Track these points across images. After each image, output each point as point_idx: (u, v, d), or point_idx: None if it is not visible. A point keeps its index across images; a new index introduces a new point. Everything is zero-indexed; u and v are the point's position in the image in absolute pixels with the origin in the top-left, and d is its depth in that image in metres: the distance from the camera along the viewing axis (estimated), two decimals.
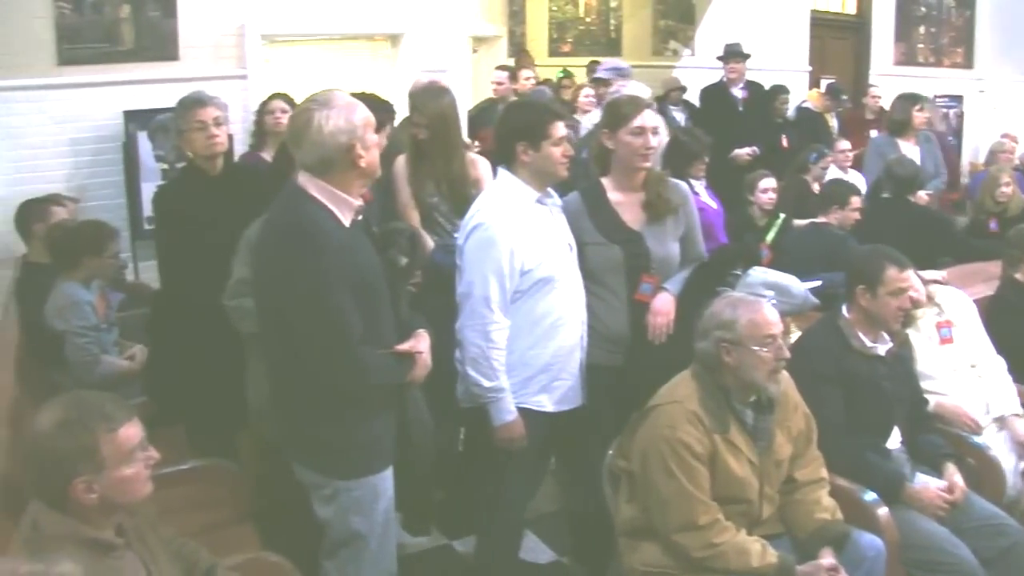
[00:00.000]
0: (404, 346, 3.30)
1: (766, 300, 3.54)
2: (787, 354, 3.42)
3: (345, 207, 3.12)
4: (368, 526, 3.33)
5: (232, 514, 3.78)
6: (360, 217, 3.22)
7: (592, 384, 3.92)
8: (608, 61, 8.37)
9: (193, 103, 4.39)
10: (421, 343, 3.35)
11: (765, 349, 3.33)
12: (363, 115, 3.12)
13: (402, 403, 3.46)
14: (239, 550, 3.31)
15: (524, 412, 3.76)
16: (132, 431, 2.44)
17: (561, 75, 10.47)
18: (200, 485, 3.78)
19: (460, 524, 4.66)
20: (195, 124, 4.34)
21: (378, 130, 3.27)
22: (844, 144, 8.42)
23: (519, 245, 3.65)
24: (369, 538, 3.34)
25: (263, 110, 6.00)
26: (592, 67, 10.31)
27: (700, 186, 5.77)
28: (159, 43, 6.93)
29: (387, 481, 3.38)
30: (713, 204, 5.88)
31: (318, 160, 3.07)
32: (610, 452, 3.67)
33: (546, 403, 3.83)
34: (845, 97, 10.17)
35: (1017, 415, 4.40)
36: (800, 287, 5.25)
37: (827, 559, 3.31)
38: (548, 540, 4.64)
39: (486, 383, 3.68)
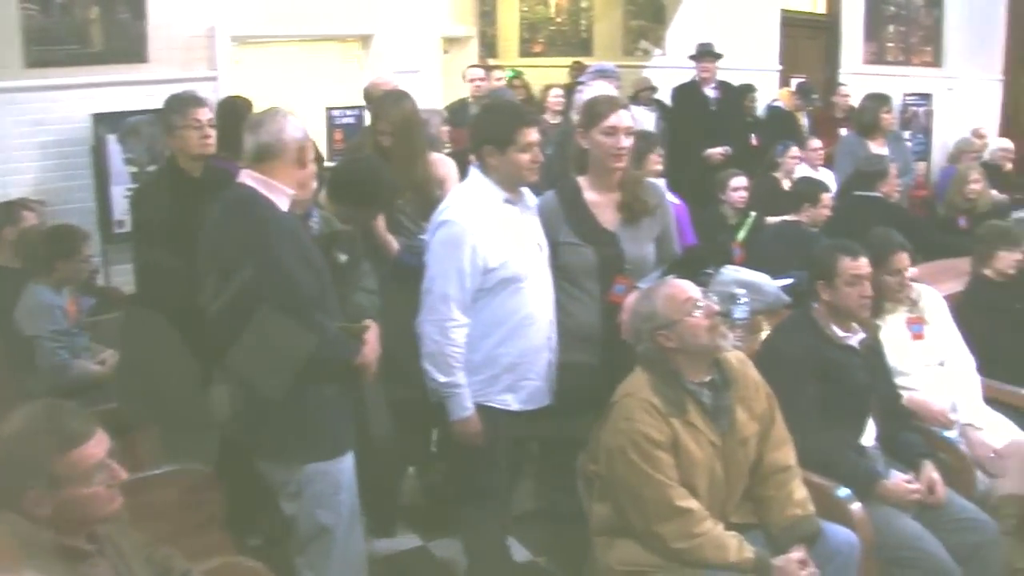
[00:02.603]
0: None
1: (739, 298, 3.56)
2: (717, 308, 3.45)
3: (282, 196, 3.32)
4: (334, 518, 3.46)
5: (206, 518, 3.77)
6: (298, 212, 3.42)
7: (566, 384, 3.93)
8: (596, 64, 8.40)
9: (190, 101, 4.44)
10: (370, 331, 3.48)
11: (694, 314, 3.36)
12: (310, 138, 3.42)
13: (358, 392, 3.52)
14: (213, 555, 3.30)
15: (489, 410, 3.80)
16: (92, 451, 2.37)
17: (511, 76, 10.46)
18: (173, 490, 3.75)
19: (435, 525, 4.66)
20: (192, 122, 4.38)
21: None
22: (815, 143, 8.47)
23: (483, 244, 3.68)
24: (335, 530, 3.47)
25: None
26: (575, 68, 10.34)
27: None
28: (128, 45, 6.87)
29: (348, 472, 3.50)
30: (675, 200, 5.91)
31: (269, 146, 3.31)
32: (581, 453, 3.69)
33: (511, 402, 3.86)
34: (815, 96, 10.21)
35: (972, 426, 4.45)
36: (772, 285, 5.28)
37: (799, 554, 3.32)
38: (525, 540, 4.65)
39: (441, 378, 3.73)
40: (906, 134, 10.58)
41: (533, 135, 3.77)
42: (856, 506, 3.62)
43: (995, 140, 10.45)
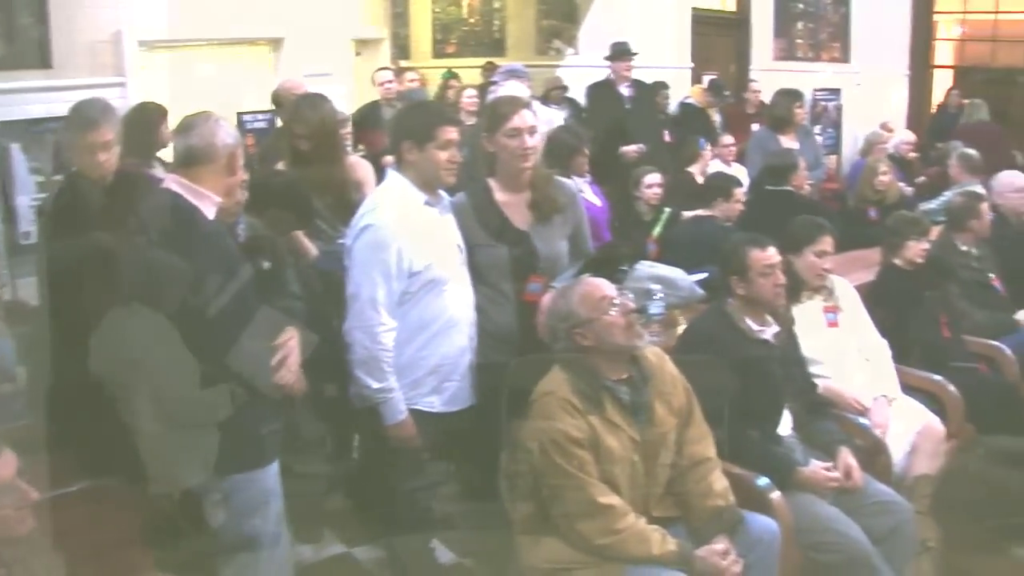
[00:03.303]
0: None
1: (654, 294, 3.59)
2: (633, 306, 3.47)
3: (209, 203, 3.24)
4: (261, 527, 3.38)
5: (126, 535, 3.70)
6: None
7: (485, 384, 3.93)
8: (507, 65, 8.40)
9: (86, 123, 4.12)
10: (289, 342, 3.39)
11: (610, 312, 3.38)
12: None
13: (285, 402, 3.48)
14: (134, 572, 3.25)
15: (415, 413, 3.77)
16: None
17: (447, 76, 10.43)
18: (92, 506, 3.68)
19: (359, 530, 4.63)
20: (87, 146, 4.16)
21: None
22: (727, 139, 8.58)
23: (407, 247, 3.65)
24: (263, 539, 3.39)
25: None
26: (488, 68, 10.32)
27: (584, 184, 5.83)
28: (31, 51, 6.71)
29: (274, 479, 3.43)
30: (597, 202, 5.94)
31: (199, 150, 3.23)
32: (503, 453, 3.69)
33: (436, 404, 3.84)
34: (727, 92, 10.35)
35: (888, 398, 4.55)
36: (687, 279, 5.33)
37: (721, 545, 3.36)
38: (449, 543, 4.63)
39: (375, 384, 3.69)
40: (816, 129, 10.77)
41: (453, 134, 3.75)
42: (776, 495, 3.67)
43: (899, 133, 10.69)
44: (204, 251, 3.18)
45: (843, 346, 4.61)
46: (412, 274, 3.67)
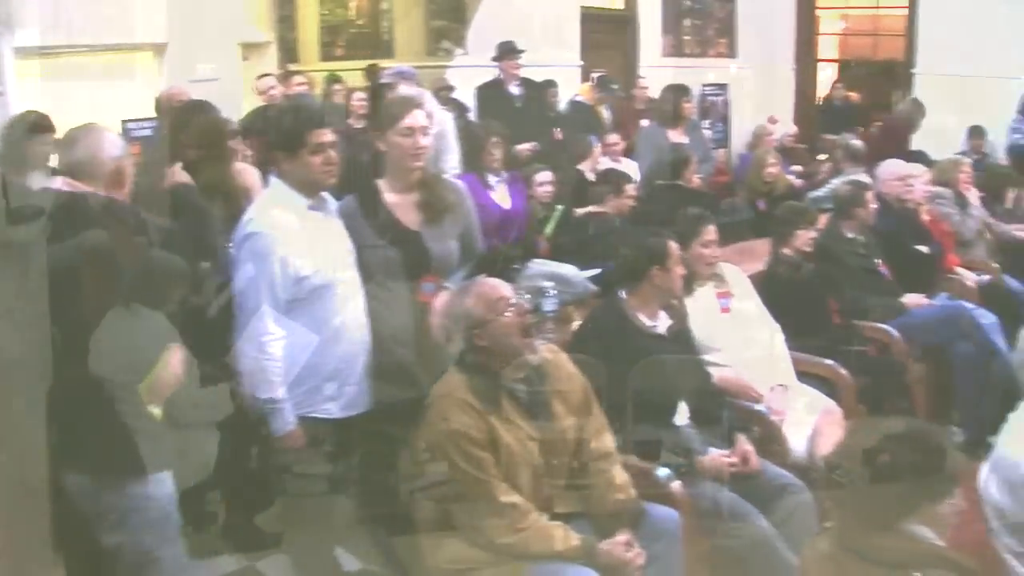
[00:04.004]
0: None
1: (547, 291, 3.61)
2: (529, 307, 3.50)
3: None
4: (158, 542, 3.34)
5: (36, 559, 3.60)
6: None
7: (382, 388, 3.89)
8: (395, 67, 8.36)
9: None
10: (172, 359, 3.34)
11: (506, 314, 3.38)
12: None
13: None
14: None
15: (313, 421, 3.72)
16: None
17: (330, 79, 10.32)
18: None
19: (260, 543, 4.56)
20: None
21: None
22: (613, 137, 8.66)
23: (292, 253, 3.60)
24: (161, 555, 3.35)
25: None
26: (370, 71, 10.22)
27: (497, 182, 5.85)
28: None
29: (170, 494, 3.38)
30: (507, 202, 5.95)
31: (84, 163, 3.21)
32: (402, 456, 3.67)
33: (334, 410, 3.79)
34: (615, 86, 10.41)
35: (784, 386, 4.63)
36: (580, 276, 5.37)
37: (624, 537, 3.38)
38: (353, 549, 4.58)
39: (263, 395, 3.63)
40: (705, 123, 10.93)
41: (325, 136, 3.70)
42: (676, 484, 3.71)
43: (784, 126, 10.93)
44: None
45: (738, 331, 4.69)
46: (299, 280, 3.62)
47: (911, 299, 5.80)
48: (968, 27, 10.96)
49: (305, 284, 3.63)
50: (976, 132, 10.41)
